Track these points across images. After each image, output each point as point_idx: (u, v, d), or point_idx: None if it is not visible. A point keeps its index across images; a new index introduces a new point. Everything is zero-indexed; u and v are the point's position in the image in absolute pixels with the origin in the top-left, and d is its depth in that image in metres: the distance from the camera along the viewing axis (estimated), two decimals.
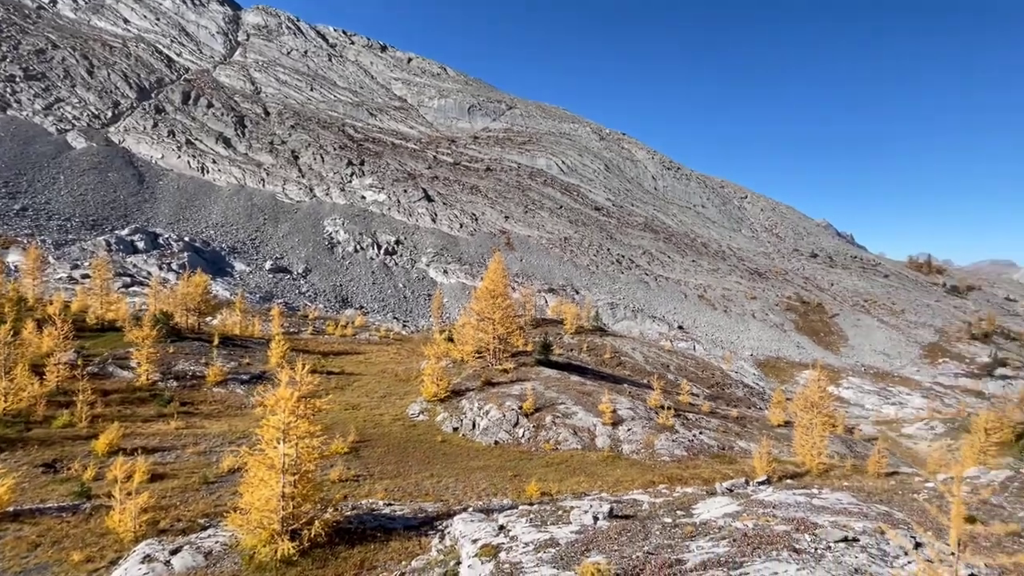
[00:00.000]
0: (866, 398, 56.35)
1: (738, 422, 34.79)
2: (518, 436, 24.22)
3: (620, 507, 12.05)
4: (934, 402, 54.12)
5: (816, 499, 11.66)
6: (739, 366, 58.66)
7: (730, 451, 27.41)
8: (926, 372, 62.33)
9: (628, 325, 65.21)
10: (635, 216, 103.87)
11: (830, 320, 74.34)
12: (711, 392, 45.64)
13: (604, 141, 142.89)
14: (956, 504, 4.79)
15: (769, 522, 8.34)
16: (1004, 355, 63.87)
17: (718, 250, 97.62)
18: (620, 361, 46.27)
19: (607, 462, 22.76)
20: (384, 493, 15.79)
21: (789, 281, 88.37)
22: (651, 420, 27.39)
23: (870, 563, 6.48)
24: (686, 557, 6.49)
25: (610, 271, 76.72)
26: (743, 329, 69.15)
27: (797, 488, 14.63)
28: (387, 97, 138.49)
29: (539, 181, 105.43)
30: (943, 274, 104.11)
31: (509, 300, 36.08)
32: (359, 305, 58.92)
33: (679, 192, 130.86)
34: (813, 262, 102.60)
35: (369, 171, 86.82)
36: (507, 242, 77.25)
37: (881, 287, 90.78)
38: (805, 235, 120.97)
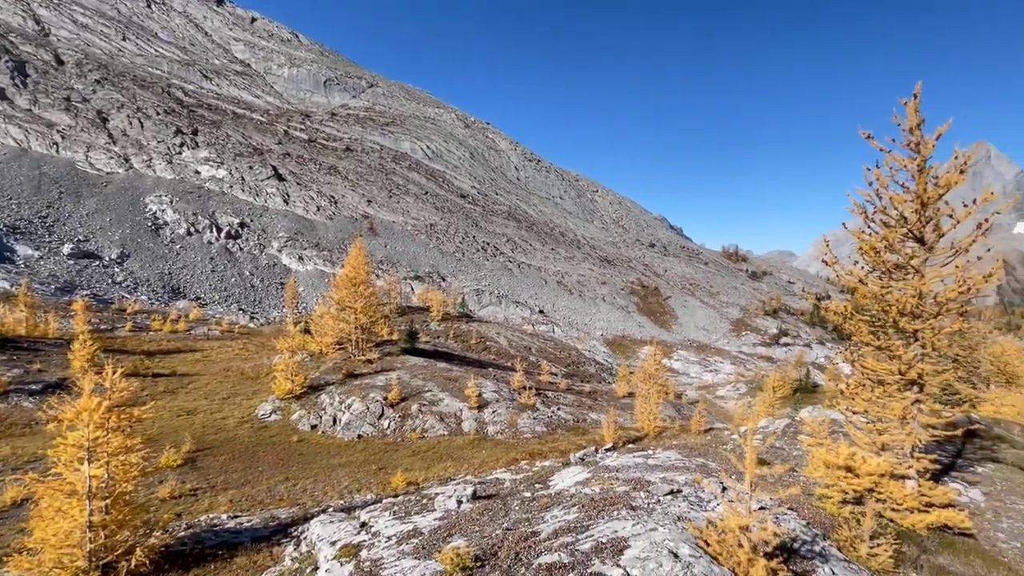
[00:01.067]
0: (691, 367, 65.89)
1: (591, 396, 38.23)
2: (383, 428, 23.60)
3: (484, 488, 12.47)
4: (739, 367, 65.46)
5: (651, 459, 13.37)
6: (592, 345, 64.30)
7: (584, 423, 30.01)
8: (734, 343, 75.17)
9: (493, 310, 67.18)
10: (499, 205, 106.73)
11: (664, 302, 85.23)
12: (568, 370, 49.39)
13: (469, 129, 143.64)
14: (749, 452, 5.88)
15: (613, 485, 9.35)
16: (786, 327, 79.80)
17: (574, 239, 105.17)
18: (486, 346, 47.58)
19: (473, 445, 23.34)
20: (229, 505, 14.22)
21: (632, 268, 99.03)
22: (514, 401, 28.73)
23: (689, 509, 7.66)
24: (540, 528, 6.99)
25: (476, 258, 77.96)
26: (595, 311, 75.79)
27: (637, 451, 16.63)
28: (226, 59, 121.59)
29: (404, 165, 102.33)
30: (746, 262, 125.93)
31: (372, 288, 34.67)
32: (195, 296, 51.46)
33: (540, 183, 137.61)
34: (651, 251, 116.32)
35: (205, 142, 75.70)
36: (370, 227, 73.82)
37: (702, 273, 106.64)
38: (645, 227, 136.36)
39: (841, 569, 7.07)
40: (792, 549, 7.21)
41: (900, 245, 10.07)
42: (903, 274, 10.13)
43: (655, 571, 5.15)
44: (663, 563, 5.29)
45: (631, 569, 5.21)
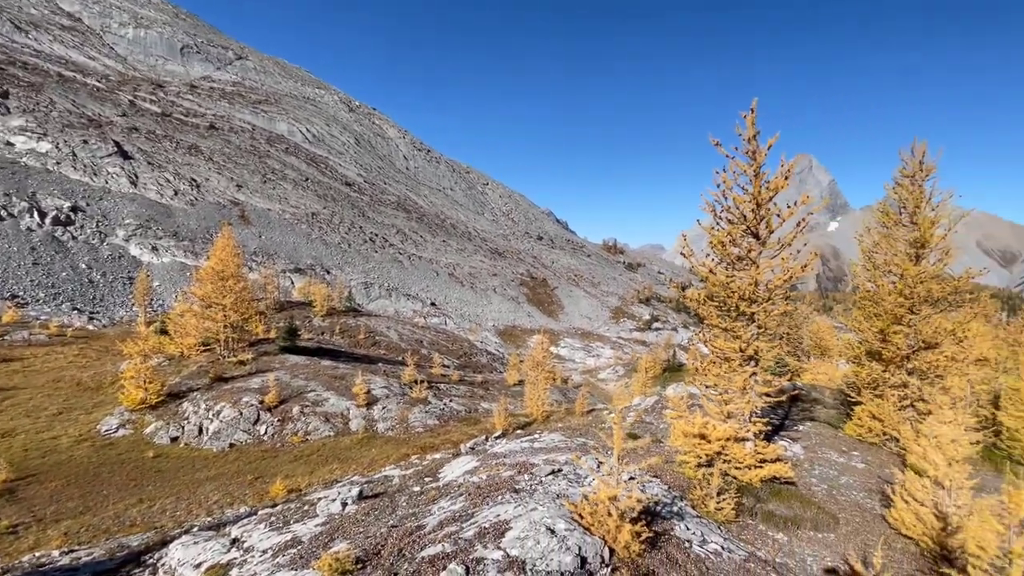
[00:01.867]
0: (576, 353, 69.90)
1: (483, 386, 38.85)
2: (260, 434, 21.77)
3: (371, 487, 12.12)
4: (618, 352, 70.95)
5: (536, 443, 14.00)
6: (484, 336, 65.23)
7: (476, 413, 30.43)
8: (613, 329, 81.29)
9: (383, 304, 64.99)
10: (388, 195, 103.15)
11: (552, 292, 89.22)
12: (460, 362, 49.60)
13: (354, 113, 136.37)
14: (616, 430, 6.44)
15: (499, 471, 9.65)
16: (657, 313, 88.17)
17: (465, 231, 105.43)
18: (375, 341, 45.93)
19: (362, 444, 22.52)
20: (63, 539, 12.16)
21: (522, 260, 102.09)
22: (405, 396, 28.20)
23: (568, 487, 8.19)
24: (426, 521, 7.00)
25: (363, 249, 74.66)
26: (486, 303, 76.91)
27: (525, 436, 17.30)
28: (47, 9, 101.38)
29: (280, 148, 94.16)
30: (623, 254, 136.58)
31: (245, 282, 31.64)
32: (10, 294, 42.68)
33: (430, 174, 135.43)
34: (539, 244, 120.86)
35: (19, 108, 62.60)
36: (241, 215, 66.95)
37: (585, 265, 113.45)
38: (533, 220, 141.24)
39: (694, 524, 8.08)
40: (655, 512, 8.06)
41: (741, 240, 11.64)
42: (743, 265, 11.74)
43: (533, 548, 5.46)
44: (540, 540, 5.62)
45: (511, 549, 5.46)
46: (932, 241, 15.37)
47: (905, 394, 15.52)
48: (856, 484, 12.39)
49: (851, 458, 14.43)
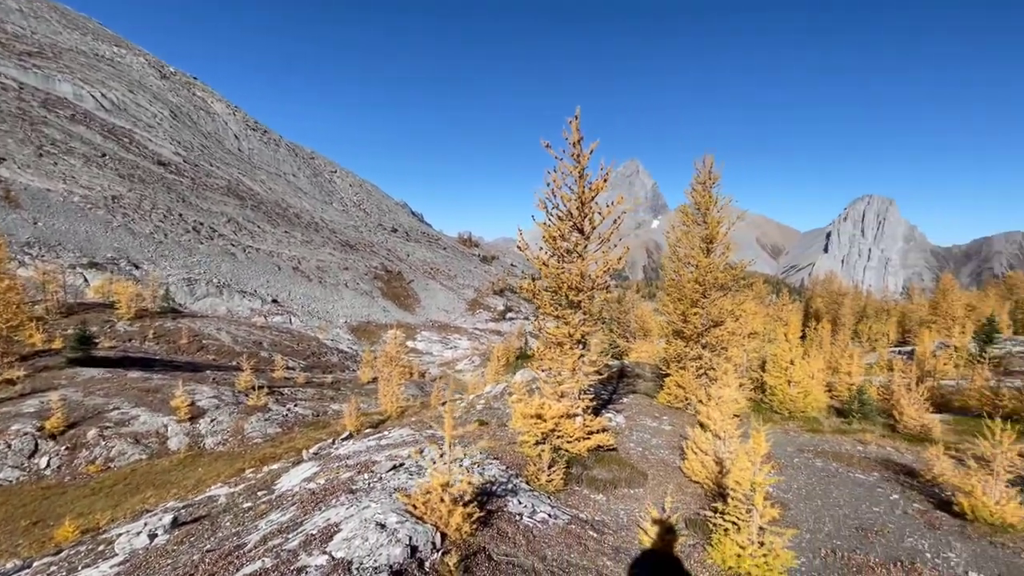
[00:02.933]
0: (434, 346, 69.87)
1: (333, 387, 36.75)
2: (39, 468, 17.78)
3: (191, 511, 10.76)
4: (475, 342, 72.71)
5: (384, 439, 13.77)
6: (335, 334, 61.55)
7: (326, 416, 28.70)
8: (470, 321, 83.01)
9: (213, 303, 57.21)
10: (216, 178, 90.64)
11: (408, 286, 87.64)
12: (308, 363, 46.14)
13: (168, 81, 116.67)
14: (447, 419, 6.67)
15: (339, 474, 9.30)
16: (511, 304, 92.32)
17: (311, 221, 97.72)
18: (202, 345, 40.31)
19: (185, 464, 19.76)
20: None
21: (375, 253, 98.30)
22: (240, 404, 25.42)
23: (408, 480, 8.25)
24: (249, 538, 6.48)
25: (185, 241, 64.67)
26: (337, 298, 72.55)
27: (374, 435, 16.87)
28: None
29: (64, 115, 76.44)
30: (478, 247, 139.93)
31: (11, 281, 25.34)
32: None
33: (268, 157, 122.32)
34: (394, 236, 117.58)
35: None
36: (6, 196, 53.01)
37: (442, 258, 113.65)
38: (387, 212, 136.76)
39: (527, 498, 8.77)
40: (491, 492, 8.55)
41: (569, 234, 12.80)
42: (572, 257, 12.93)
43: (361, 546, 5.42)
44: (369, 537, 5.60)
45: (336, 552, 5.34)
46: (718, 237, 18.63)
47: (700, 365, 18.67)
48: (663, 444, 14.59)
49: (661, 422, 16.92)
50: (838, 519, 9.99)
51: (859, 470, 13.12)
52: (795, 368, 20.22)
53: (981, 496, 9.64)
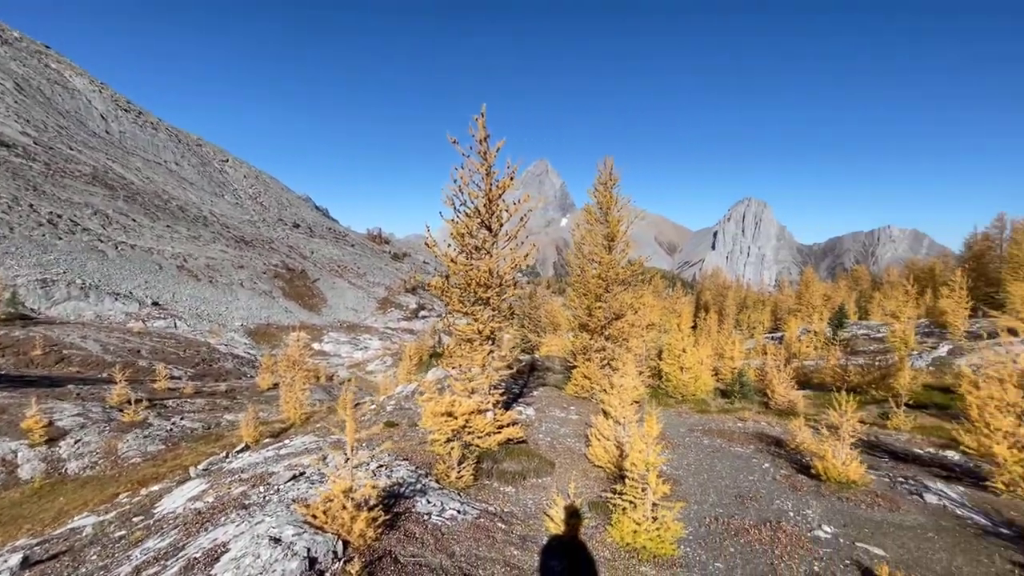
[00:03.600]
0: (342, 348, 66.80)
1: (227, 396, 33.79)
2: None
3: (47, 547, 9.35)
4: (386, 342, 70.63)
5: (284, 448, 12.94)
6: (229, 338, 56.59)
7: (218, 428, 26.33)
8: (381, 320, 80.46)
9: (77, 307, 49.85)
10: (78, 164, 78.91)
11: (312, 285, 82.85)
12: (197, 371, 41.97)
13: (12, 48, 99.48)
14: (349, 422, 6.43)
15: (231, 489, 8.59)
16: (424, 301, 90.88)
17: (199, 215, 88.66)
18: (63, 356, 35.04)
19: (43, 493, 17.08)
20: None
21: (275, 250, 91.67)
22: (113, 421, 22.48)
23: (308, 489, 7.84)
24: (119, 571, 5.77)
25: (38, 236, 55.66)
26: (232, 299, 66.71)
27: (274, 444, 15.78)
28: None
29: None
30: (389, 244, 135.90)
31: None
32: None
33: (144, 142, 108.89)
34: (296, 232, 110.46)
35: None
36: None
37: (350, 255, 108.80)
38: (288, 206, 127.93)
39: (436, 496, 8.72)
40: (399, 493, 8.39)
41: (477, 231, 12.88)
42: (480, 254, 13.02)
43: (252, 564, 5.06)
44: (261, 553, 5.24)
45: (224, 573, 4.94)
46: (619, 235, 19.76)
47: (604, 356, 19.72)
48: (571, 433, 15.23)
49: (569, 412, 17.64)
50: (720, 489, 11.10)
51: (739, 444, 14.66)
52: (687, 355, 22.06)
53: (831, 459, 11.23)
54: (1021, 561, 7.93)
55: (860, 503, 10.26)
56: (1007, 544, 8.58)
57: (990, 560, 8.00)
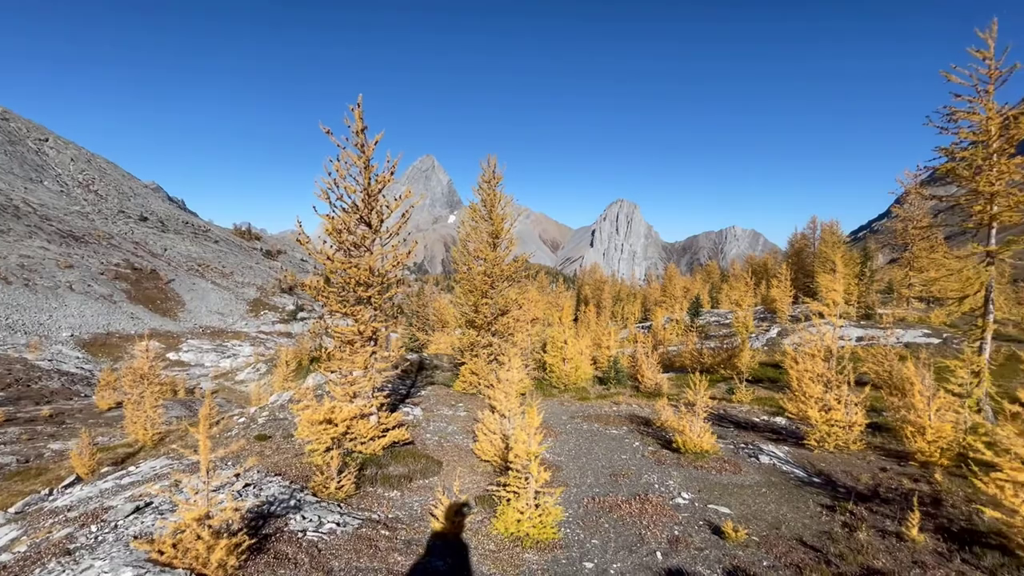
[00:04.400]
0: (206, 356, 59.65)
1: (53, 421, 28.48)
2: None
3: None
4: (259, 348, 64.54)
5: (128, 477, 11.21)
6: (55, 352, 47.56)
7: (40, 460, 22.08)
8: (252, 324, 73.25)
9: None
10: None
11: (166, 286, 72.68)
12: (9, 393, 34.66)
13: None
14: (202, 440, 5.73)
15: (51, 533, 7.20)
16: (302, 303, 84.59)
17: (8, 205, 72.86)
18: None
19: None
20: None
21: (116, 246, 78.77)
22: None
23: (155, 521, 6.85)
24: None
25: None
26: (58, 306, 55.99)
27: (115, 473, 13.58)
28: None
29: None
30: (260, 240, 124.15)
31: None
32: None
33: None
34: (144, 226, 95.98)
35: None
36: None
37: (212, 252, 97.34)
38: (132, 196, 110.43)
39: (313, 511, 8.17)
40: (269, 512, 7.71)
41: (355, 228, 12.27)
42: (360, 252, 12.43)
43: None
44: None
45: None
46: (503, 233, 20.18)
47: (491, 351, 20.05)
48: (459, 430, 15.26)
49: (457, 409, 17.66)
50: (597, 470, 11.91)
51: (613, 427, 15.86)
52: (568, 347, 23.29)
53: (689, 433, 12.64)
54: (827, 503, 9.64)
55: (712, 469, 11.69)
56: (818, 490, 10.38)
57: (805, 506, 9.61)
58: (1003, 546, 7.35)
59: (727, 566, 7.35)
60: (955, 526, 8.36)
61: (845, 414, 12.72)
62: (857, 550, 7.64)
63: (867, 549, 7.67)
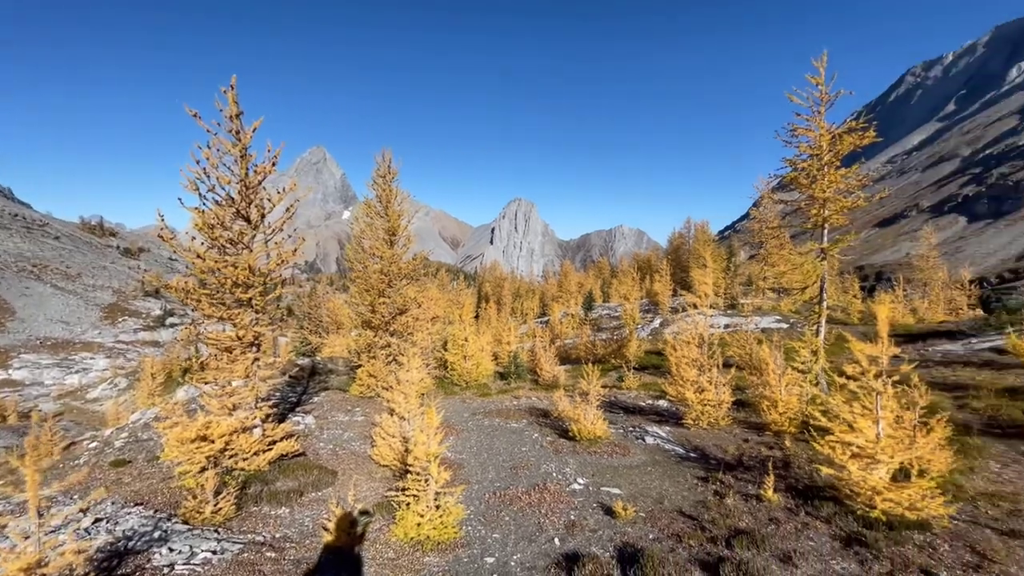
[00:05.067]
0: (46, 373, 50.67)
1: None
2: None
3: None
4: (117, 360, 56.21)
5: None
6: None
7: None
8: (108, 332, 63.48)
9: None
10: None
11: None
12: None
13: None
14: (30, 475, 4.81)
15: None
16: (171, 307, 75.14)
17: None
18: None
19: None
20: None
21: None
22: None
23: None
24: None
25: None
26: None
27: None
28: None
29: None
30: (116, 236, 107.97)
31: None
32: None
33: None
34: None
35: None
36: None
37: (52, 250, 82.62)
38: None
39: (183, 541, 7.27)
40: (127, 549, 6.72)
41: (232, 223, 11.13)
42: (237, 249, 11.30)
43: None
44: None
45: None
46: (400, 230, 19.61)
47: (390, 352, 19.41)
48: (356, 436, 14.56)
49: (354, 415, 16.85)
50: (498, 464, 12.08)
51: (514, 420, 16.19)
52: (469, 344, 23.32)
53: (583, 421, 13.31)
54: (701, 475, 10.71)
55: (604, 454, 12.42)
56: (695, 464, 11.50)
57: (684, 479, 10.59)
58: (835, 497, 8.70)
59: (618, 543, 7.84)
60: (800, 484, 9.74)
61: (715, 394, 14.23)
62: (726, 515, 8.58)
63: (734, 513, 8.65)
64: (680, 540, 7.82)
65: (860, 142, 14.80)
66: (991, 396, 14.23)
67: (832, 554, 7.24)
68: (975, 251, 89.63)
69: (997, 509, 8.47)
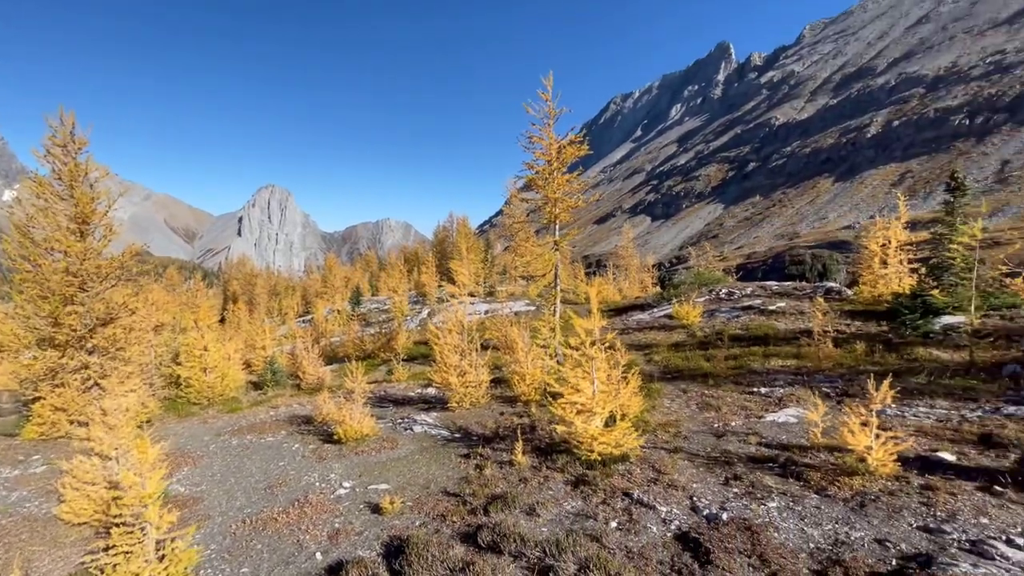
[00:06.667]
0: None
1: None
2: None
3: None
4: None
5: None
6: None
7: None
8: None
9: None
10: None
11: None
12: None
13: None
14: None
15: None
16: None
17: None
18: None
19: None
20: None
21: None
22: None
23: None
24: None
25: None
26: None
27: None
28: None
29: None
30: None
31: None
32: None
33: None
34: None
35: None
36: None
37: None
38: None
39: None
40: None
41: None
42: None
43: None
44: None
45: None
46: (94, 217, 15.28)
47: (88, 375, 15.06)
48: (33, 494, 10.87)
49: (30, 465, 12.57)
50: (249, 488, 10.65)
51: (270, 434, 14.51)
52: (210, 354, 19.89)
53: (349, 421, 12.79)
54: (464, 453, 11.51)
55: (372, 451, 12.19)
56: (459, 444, 12.27)
57: (449, 460, 11.21)
58: (568, 450, 10.43)
59: (384, 539, 7.81)
60: (543, 444, 11.38)
61: (476, 375, 15.45)
62: (484, 484, 9.42)
63: (491, 481, 9.56)
64: (444, 519, 8.25)
65: (578, 153, 17.91)
66: (665, 350, 19.17)
67: (565, 497, 8.68)
68: (656, 242, 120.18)
69: (667, 434, 11.48)
